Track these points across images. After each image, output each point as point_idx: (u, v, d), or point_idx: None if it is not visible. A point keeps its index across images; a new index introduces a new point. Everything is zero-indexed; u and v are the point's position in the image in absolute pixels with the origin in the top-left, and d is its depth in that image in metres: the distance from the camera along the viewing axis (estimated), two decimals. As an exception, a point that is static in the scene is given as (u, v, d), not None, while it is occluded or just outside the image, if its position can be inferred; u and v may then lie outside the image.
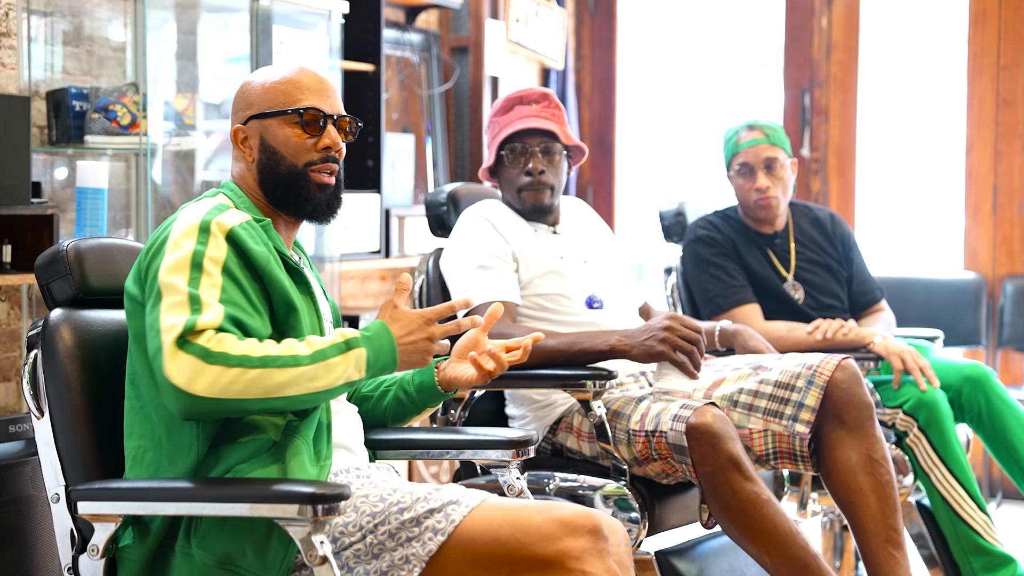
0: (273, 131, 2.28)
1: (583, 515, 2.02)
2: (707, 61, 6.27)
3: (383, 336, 2.16)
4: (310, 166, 2.28)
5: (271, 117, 2.28)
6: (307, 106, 2.28)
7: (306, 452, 2.11)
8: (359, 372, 2.12)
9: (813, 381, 3.00)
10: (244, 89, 2.33)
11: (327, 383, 2.08)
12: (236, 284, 2.10)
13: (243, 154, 2.31)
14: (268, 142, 2.28)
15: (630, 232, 6.25)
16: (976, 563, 3.52)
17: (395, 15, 5.26)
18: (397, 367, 2.17)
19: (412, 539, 2.02)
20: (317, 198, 2.29)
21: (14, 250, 3.24)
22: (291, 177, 2.27)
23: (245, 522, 2.04)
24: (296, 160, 2.27)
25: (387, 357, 2.15)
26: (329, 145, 2.28)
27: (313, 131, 2.28)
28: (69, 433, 2.18)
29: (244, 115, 2.31)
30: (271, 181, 2.28)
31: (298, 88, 2.29)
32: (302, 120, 2.27)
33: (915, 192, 5.93)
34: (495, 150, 3.26)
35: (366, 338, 2.14)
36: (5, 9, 3.43)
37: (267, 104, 2.29)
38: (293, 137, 2.27)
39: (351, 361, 2.11)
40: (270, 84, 2.30)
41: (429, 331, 2.19)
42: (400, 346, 2.16)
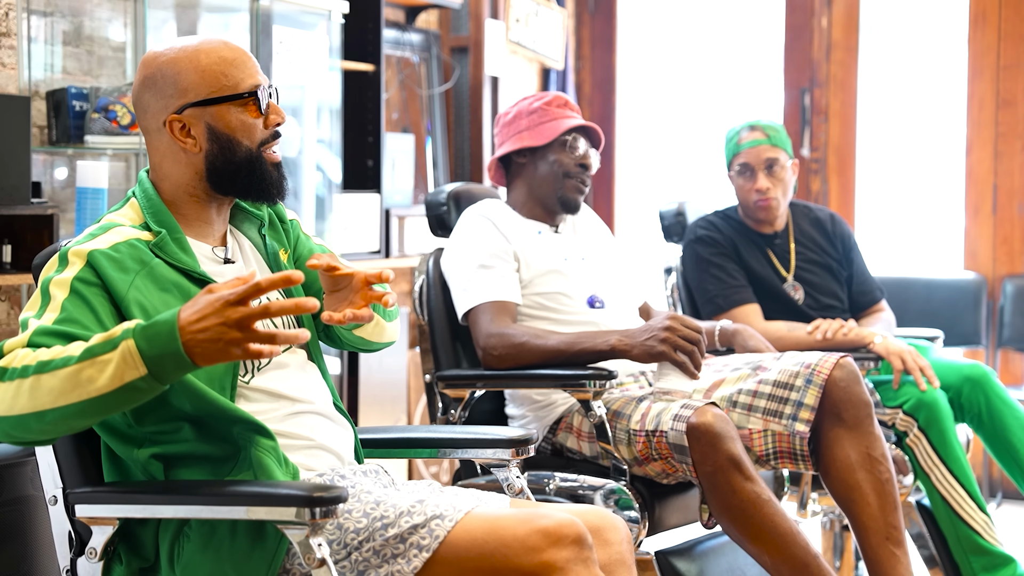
0: (223, 117, 2.15)
1: (567, 524, 1.99)
2: (707, 61, 6.27)
3: (162, 323, 1.87)
4: (263, 146, 2.18)
5: (218, 103, 2.14)
6: (253, 86, 2.16)
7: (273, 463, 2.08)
8: (135, 368, 1.86)
9: (812, 380, 3.00)
10: (164, 73, 2.15)
11: (103, 385, 1.86)
12: (81, 300, 1.99)
13: (183, 145, 2.15)
14: (219, 129, 2.15)
15: (630, 232, 6.24)
16: (976, 563, 3.52)
17: (395, 15, 5.26)
18: (191, 358, 1.86)
19: (397, 555, 2.00)
20: (273, 177, 2.19)
21: (14, 250, 3.24)
22: (248, 162, 2.16)
23: (225, 546, 2.02)
24: (251, 143, 2.16)
25: (167, 346, 1.85)
26: (279, 121, 2.19)
27: (263, 110, 2.17)
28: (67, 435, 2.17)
29: (177, 103, 2.15)
30: (226, 170, 2.16)
31: (234, 66, 2.15)
32: (258, 102, 2.16)
33: (915, 192, 5.93)
34: (553, 134, 3.25)
35: (141, 327, 1.88)
36: (5, 9, 3.43)
37: (208, 89, 2.14)
38: (247, 120, 2.16)
39: (121, 356, 1.86)
40: (202, 66, 2.14)
41: (225, 314, 1.85)
42: (188, 332, 1.85)
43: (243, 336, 1.84)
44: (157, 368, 1.86)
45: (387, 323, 2.40)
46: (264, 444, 2.07)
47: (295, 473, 2.11)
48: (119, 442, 2.12)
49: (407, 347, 4.93)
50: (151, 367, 1.86)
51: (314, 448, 2.20)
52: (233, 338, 1.84)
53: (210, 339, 1.85)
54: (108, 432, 2.12)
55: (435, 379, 3.17)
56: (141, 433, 2.09)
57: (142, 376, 1.86)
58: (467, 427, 3.00)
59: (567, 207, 3.29)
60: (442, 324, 3.23)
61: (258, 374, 2.18)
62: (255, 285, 1.85)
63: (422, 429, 2.65)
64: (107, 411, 1.90)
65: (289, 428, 2.18)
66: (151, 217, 2.15)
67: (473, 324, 3.13)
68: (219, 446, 2.09)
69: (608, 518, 2.18)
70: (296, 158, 4.48)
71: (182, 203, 2.19)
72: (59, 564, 2.19)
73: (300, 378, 2.24)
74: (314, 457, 2.20)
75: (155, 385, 1.88)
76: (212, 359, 1.87)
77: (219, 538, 2.03)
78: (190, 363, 1.86)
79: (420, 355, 3.28)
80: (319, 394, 2.26)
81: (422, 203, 3.99)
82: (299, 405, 2.21)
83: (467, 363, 3.25)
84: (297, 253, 2.38)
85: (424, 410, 5.08)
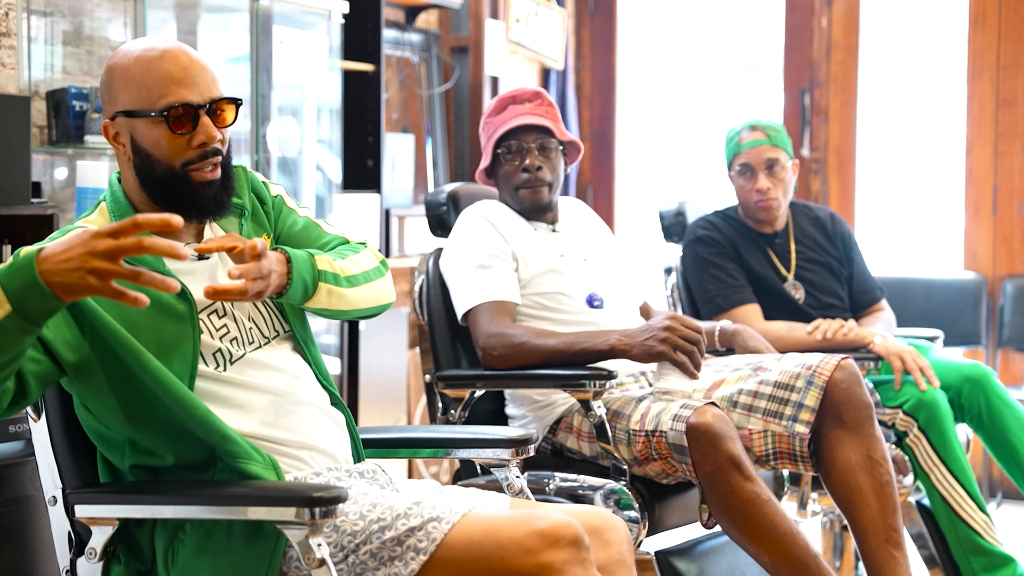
0: (141, 132, 2.10)
1: (564, 525, 1.98)
2: (707, 61, 6.27)
3: (23, 255, 1.83)
4: (188, 165, 2.10)
5: (136, 117, 2.09)
6: (172, 103, 2.07)
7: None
8: (2, 305, 1.80)
9: (812, 381, 3.00)
10: (108, 73, 2.12)
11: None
12: None
13: (117, 152, 2.13)
14: (139, 143, 2.10)
15: (630, 232, 6.24)
16: (976, 563, 3.52)
17: (395, 15, 5.26)
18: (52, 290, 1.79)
19: (394, 558, 2.00)
20: (203, 196, 2.12)
21: (14, 250, 3.23)
22: (170, 180, 2.10)
23: (222, 549, 2.02)
24: (171, 162, 2.09)
25: (25, 278, 1.80)
26: (204, 141, 2.10)
27: (184, 128, 2.08)
28: (66, 436, 2.17)
29: (111, 109, 2.12)
30: (150, 183, 2.12)
31: (161, 80, 2.08)
32: (167, 120, 2.07)
33: (915, 192, 5.93)
34: (491, 150, 3.26)
35: (8, 264, 1.84)
36: (5, 9, 3.43)
37: (130, 101, 2.09)
38: (163, 139, 2.08)
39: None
40: (131, 75, 2.09)
41: (91, 244, 1.77)
42: (49, 262, 1.79)
43: (108, 267, 1.77)
44: (20, 303, 1.81)
45: (347, 289, 2.26)
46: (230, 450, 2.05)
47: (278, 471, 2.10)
48: (107, 448, 2.12)
49: (407, 347, 4.93)
50: (14, 303, 1.81)
51: (306, 449, 2.18)
52: (95, 267, 1.77)
53: (72, 267, 1.78)
54: (95, 437, 2.12)
55: (435, 379, 3.16)
56: (121, 438, 2.09)
57: (7, 314, 1.81)
58: (467, 427, 3.00)
59: (538, 210, 3.28)
60: (442, 324, 3.23)
61: (231, 366, 2.15)
62: (132, 220, 1.77)
63: (422, 429, 2.66)
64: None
65: (277, 425, 2.16)
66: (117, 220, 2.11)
67: (473, 324, 3.12)
68: (194, 451, 2.08)
69: (608, 518, 2.18)
70: (296, 158, 4.48)
71: (146, 206, 2.16)
72: (59, 564, 2.19)
73: (282, 372, 2.21)
74: (307, 456, 2.18)
75: (23, 323, 1.83)
76: (72, 291, 1.80)
77: (215, 541, 2.03)
78: (50, 295, 1.80)
79: (420, 355, 3.28)
80: (307, 388, 2.23)
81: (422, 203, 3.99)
82: (284, 398, 2.18)
83: (467, 363, 3.25)
84: (279, 228, 2.32)
85: (424, 410, 5.08)
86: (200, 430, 2.05)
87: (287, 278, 2.14)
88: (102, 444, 2.12)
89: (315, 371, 2.28)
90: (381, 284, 2.35)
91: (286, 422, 2.17)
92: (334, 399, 2.30)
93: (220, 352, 2.14)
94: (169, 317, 2.08)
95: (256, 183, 2.32)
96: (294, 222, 2.34)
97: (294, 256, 2.16)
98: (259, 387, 2.16)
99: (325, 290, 2.22)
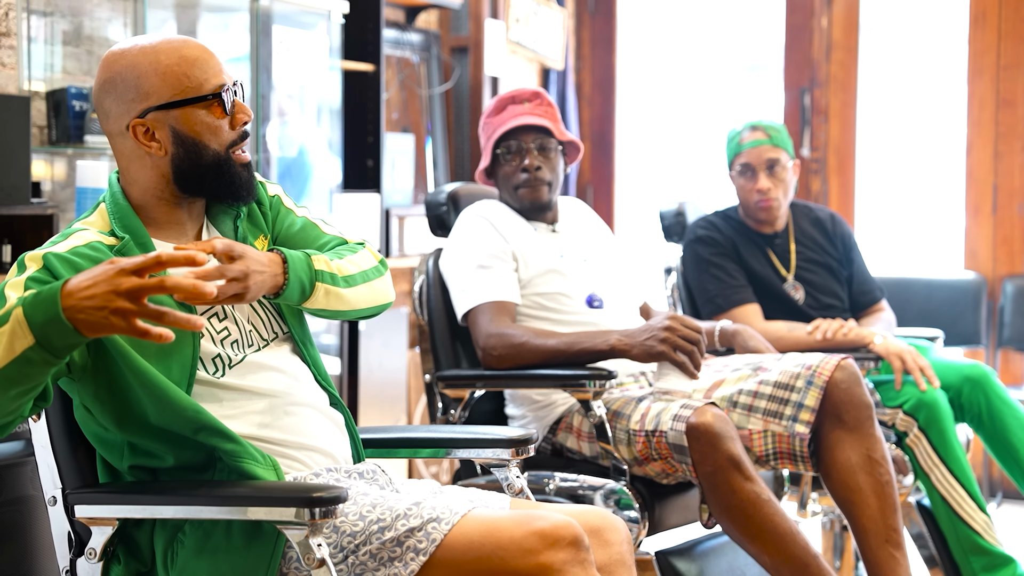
0: (187, 120, 2.09)
1: (563, 526, 1.98)
2: (707, 61, 6.27)
3: (48, 288, 1.83)
4: (232, 147, 2.13)
5: (182, 106, 2.09)
6: (218, 86, 2.10)
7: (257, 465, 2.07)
8: (24, 337, 1.81)
9: (812, 381, 3.00)
10: (124, 76, 2.10)
11: (1, 357, 1.82)
12: None
13: (148, 149, 2.10)
14: (184, 133, 2.09)
15: (630, 232, 6.24)
16: (976, 563, 3.52)
17: (395, 15, 5.26)
18: (75, 326, 1.80)
19: (394, 559, 2.00)
20: (243, 178, 2.14)
21: (14, 250, 3.24)
22: (216, 165, 2.12)
23: (221, 550, 2.02)
24: (219, 146, 2.12)
25: (48, 312, 1.80)
26: (246, 120, 2.14)
27: (230, 110, 2.12)
28: (66, 436, 2.17)
29: (139, 107, 2.09)
30: (193, 173, 2.11)
31: (195, 66, 2.09)
32: (223, 104, 2.10)
33: (915, 192, 5.93)
34: (490, 150, 3.26)
35: (32, 294, 1.84)
36: (5, 9, 3.43)
37: (171, 92, 2.08)
38: (213, 122, 2.10)
39: (12, 325, 1.82)
40: (164, 67, 2.08)
41: (116, 282, 1.78)
42: (73, 298, 1.80)
43: (132, 307, 1.78)
44: (43, 336, 1.81)
45: (345, 289, 2.25)
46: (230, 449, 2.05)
47: (278, 471, 2.09)
48: (106, 450, 2.12)
49: (407, 347, 4.93)
50: (38, 335, 1.81)
51: (304, 449, 2.18)
52: (119, 307, 1.78)
53: (95, 306, 1.78)
54: (93, 439, 2.12)
55: (435, 379, 3.17)
56: (120, 440, 2.09)
57: (30, 346, 1.82)
58: (467, 427, 3.00)
59: (538, 209, 3.28)
60: (442, 324, 3.23)
61: (231, 371, 2.14)
62: (155, 257, 1.79)
63: (422, 429, 2.65)
64: (13, 385, 1.85)
65: (276, 426, 2.15)
66: (117, 223, 2.13)
67: (472, 324, 3.12)
68: (192, 453, 2.08)
69: (608, 519, 2.18)
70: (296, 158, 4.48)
71: (151, 206, 2.15)
72: (59, 564, 2.19)
73: (282, 373, 2.20)
74: (307, 456, 2.18)
75: (47, 356, 1.83)
76: (96, 328, 1.81)
77: (214, 542, 2.03)
78: (72, 330, 1.81)
79: (420, 355, 3.28)
80: (306, 389, 2.23)
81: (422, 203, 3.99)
82: (282, 400, 2.17)
83: (467, 363, 3.25)
84: (277, 229, 2.31)
85: (424, 410, 5.08)
86: (199, 434, 2.05)
87: (283, 278, 2.14)
88: (101, 445, 2.12)
89: (314, 372, 2.27)
90: (380, 284, 2.34)
91: (284, 423, 2.17)
92: (333, 400, 2.29)
93: (220, 357, 2.14)
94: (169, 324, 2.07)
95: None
96: (292, 222, 2.33)
97: (290, 256, 2.16)
98: (257, 390, 2.16)
99: (323, 290, 2.21)
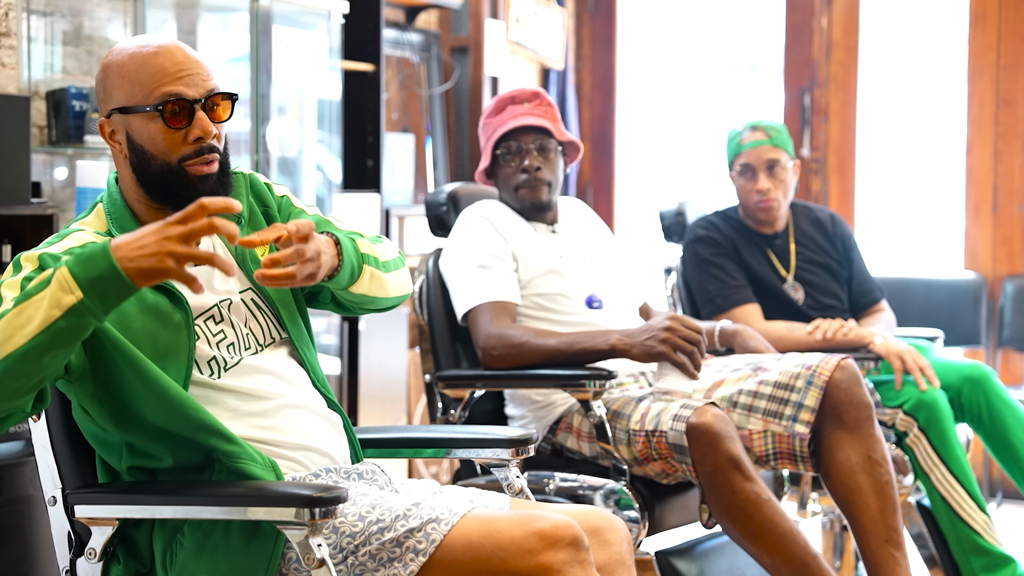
0: (137, 128, 2.09)
1: (563, 526, 1.98)
2: (707, 61, 6.27)
3: (96, 246, 1.88)
4: (184, 161, 2.08)
5: (131, 113, 2.08)
6: (167, 97, 2.06)
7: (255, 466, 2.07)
8: (72, 293, 1.85)
9: (812, 381, 3.00)
10: (103, 71, 2.12)
11: (42, 320, 1.85)
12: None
13: (114, 150, 2.12)
14: (135, 140, 2.09)
15: (630, 232, 6.24)
16: (976, 563, 3.52)
17: (395, 15, 5.26)
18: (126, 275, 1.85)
19: (393, 559, 1.99)
20: (200, 191, 2.08)
21: (14, 250, 3.24)
22: (166, 175, 2.09)
23: (220, 551, 2.02)
24: (168, 158, 2.08)
25: (100, 265, 1.85)
26: (200, 135, 2.08)
27: (179, 123, 2.07)
28: (65, 436, 2.17)
29: (105, 107, 2.11)
30: (147, 180, 2.10)
31: (155, 75, 2.07)
32: (163, 115, 2.06)
33: (915, 192, 5.93)
34: (490, 151, 3.26)
35: (74, 255, 1.88)
36: (5, 9, 3.43)
37: (125, 97, 2.08)
38: (159, 134, 2.07)
39: (56, 284, 1.86)
40: (126, 71, 2.08)
41: (165, 231, 1.85)
42: (124, 250, 1.85)
43: (184, 251, 1.84)
44: (94, 290, 1.85)
45: (385, 274, 2.28)
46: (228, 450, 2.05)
47: (277, 472, 2.10)
48: (104, 450, 2.12)
49: (407, 347, 4.93)
50: (86, 289, 1.85)
51: (303, 449, 2.17)
52: (173, 251, 1.84)
53: (148, 253, 1.84)
54: (92, 439, 2.12)
55: (435, 379, 3.17)
56: (118, 440, 2.09)
57: (79, 300, 1.85)
58: (467, 427, 3.00)
59: (538, 209, 3.28)
60: (442, 324, 3.23)
61: (226, 373, 2.14)
62: (199, 204, 1.84)
63: (422, 429, 2.65)
64: (49, 350, 1.87)
65: (272, 427, 2.15)
66: (113, 223, 2.13)
67: (472, 324, 3.12)
68: (191, 454, 2.08)
69: (608, 519, 2.18)
70: (296, 158, 4.48)
71: (137, 208, 2.16)
72: (59, 564, 2.19)
73: (277, 376, 2.20)
74: (305, 457, 2.18)
75: (93, 309, 1.87)
76: (149, 276, 1.86)
77: (214, 542, 2.03)
78: (127, 281, 1.86)
79: (420, 355, 3.28)
80: (302, 392, 2.22)
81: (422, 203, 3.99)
82: (278, 402, 2.17)
83: (467, 363, 3.25)
84: None
85: (424, 410, 5.08)
86: (198, 434, 2.05)
87: (338, 260, 2.15)
88: (99, 446, 2.12)
89: (312, 377, 2.27)
90: (406, 274, 2.38)
91: (282, 424, 2.17)
92: (330, 404, 2.29)
93: (215, 360, 2.13)
94: (165, 325, 2.08)
95: (258, 185, 2.30)
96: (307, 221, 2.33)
97: (341, 238, 2.17)
98: (253, 392, 2.15)
99: (368, 273, 2.24)
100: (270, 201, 2.31)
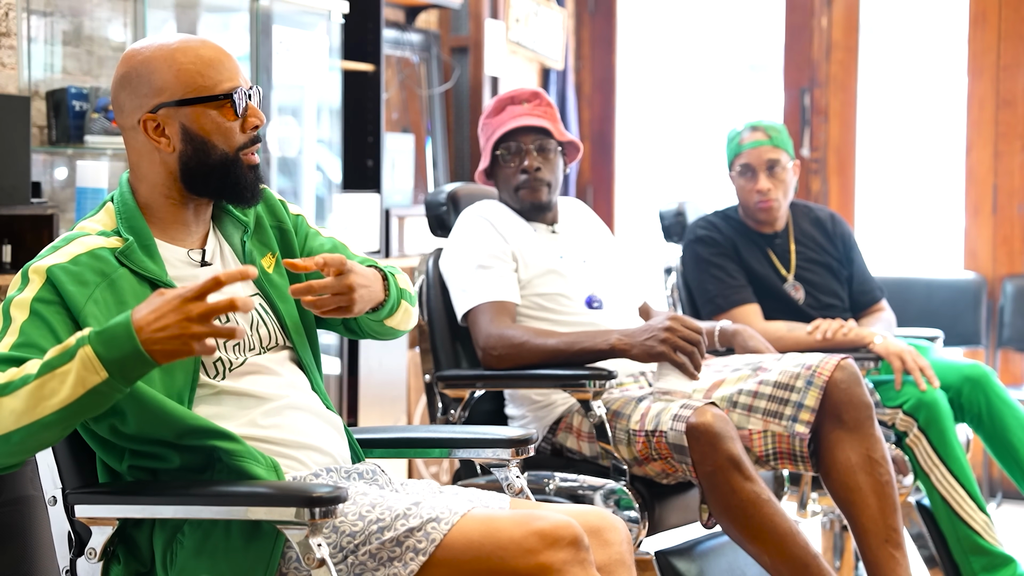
0: (197, 119, 2.11)
1: (563, 526, 1.98)
2: (707, 61, 6.27)
3: (118, 325, 1.88)
4: (241, 150, 2.14)
5: (193, 104, 2.11)
6: (231, 87, 2.12)
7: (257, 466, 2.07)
8: (96, 373, 1.87)
9: (812, 381, 3.00)
10: (140, 71, 2.12)
11: (66, 396, 1.87)
12: (40, 320, 1.98)
13: (157, 144, 2.12)
14: (194, 131, 2.11)
15: (630, 232, 6.24)
16: (976, 563, 3.52)
17: (395, 15, 5.26)
18: (151, 357, 1.87)
19: (393, 559, 2.00)
20: (248, 180, 2.15)
21: (14, 250, 3.24)
22: (224, 165, 2.13)
23: (220, 550, 2.02)
24: (228, 147, 2.13)
25: (125, 348, 1.86)
26: (257, 124, 2.15)
27: (242, 112, 2.13)
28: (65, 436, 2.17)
29: (152, 102, 2.11)
30: (200, 171, 2.13)
31: (211, 67, 2.11)
32: (233, 104, 2.12)
33: (915, 192, 5.93)
34: (490, 151, 3.26)
35: (95, 333, 1.89)
36: (5, 9, 3.43)
37: (184, 90, 2.10)
38: (224, 123, 2.12)
39: (80, 363, 1.87)
40: (179, 64, 2.10)
41: (185, 310, 1.85)
42: (146, 332, 1.86)
43: (205, 331, 1.85)
44: (117, 370, 1.87)
45: (412, 308, 2.37)
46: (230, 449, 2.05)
47: (279, 472, 2.10)
48: (105, 452, 2.12)
49: (407, 347, 4.93)
50: (111, 370, 1.87)
51: (303, 449, 2.18)
52: (195, 333, 1.85)
53: (171, 336, 1.85)
54: (92, 441, 2.12)
55: (435, 379, 3.17)
56: (120, 444, 2.09)
57: (104, 380, 1.87)
58: (467, 427, 3.00)
59: (538, 209, 3.28)
60: (442, 324, 3.23)
61: (231, 374, 2.15)
62: (214, 279, 1.85)
63: (422, 429, 2.65)
64: (73, 419, 1.91)
65: (274, 426, 2.15)
66: (123, 223, 2.13)
67: (472, 324, 3.13)
68: (191, 455, 2.08)
69: (608, 519, 2.18)
70: (296, 158, 4.48)
71: (158, 205, 2.16)
72: (59, 564, 2.19)
73: (279, 377, 2.20)
74: (306, 456, 2.18)
75: (118, 386, 1.90)
76: (173, 355, 1.88)
77: (213, 542, 2.03)
78: (151, 361, 1.87)
79: (420, 355, 3.29)
80: (302, 393, 2.23)
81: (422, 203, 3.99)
82: (278, 403, 2.17)
83: (467, 363, 3.25)
84: (307, 248, 2.34)
85: (424, 410, 5.08)
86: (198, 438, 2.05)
87: (385, 295, 2.24)
88: (99, 448, 2.12)
89: (311, 381, 2.28)
90: (416, 308, 2.44)
91: (283, 424, 2.17)
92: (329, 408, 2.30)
93: (220, 361, 2.14)
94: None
95: (272, 200, 2.33)
96: (321, 243, 2.36)
97: (388, 274, 2.26)
98: (255, 393, 2.16)
99: (403, 308, 2.33)
100: (284, 218, 2.33)
